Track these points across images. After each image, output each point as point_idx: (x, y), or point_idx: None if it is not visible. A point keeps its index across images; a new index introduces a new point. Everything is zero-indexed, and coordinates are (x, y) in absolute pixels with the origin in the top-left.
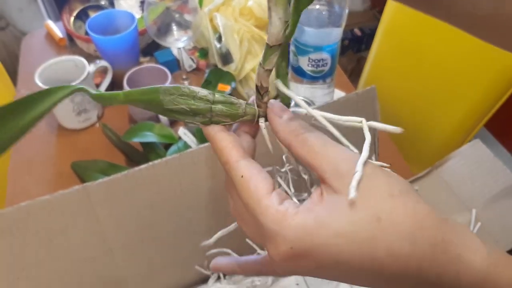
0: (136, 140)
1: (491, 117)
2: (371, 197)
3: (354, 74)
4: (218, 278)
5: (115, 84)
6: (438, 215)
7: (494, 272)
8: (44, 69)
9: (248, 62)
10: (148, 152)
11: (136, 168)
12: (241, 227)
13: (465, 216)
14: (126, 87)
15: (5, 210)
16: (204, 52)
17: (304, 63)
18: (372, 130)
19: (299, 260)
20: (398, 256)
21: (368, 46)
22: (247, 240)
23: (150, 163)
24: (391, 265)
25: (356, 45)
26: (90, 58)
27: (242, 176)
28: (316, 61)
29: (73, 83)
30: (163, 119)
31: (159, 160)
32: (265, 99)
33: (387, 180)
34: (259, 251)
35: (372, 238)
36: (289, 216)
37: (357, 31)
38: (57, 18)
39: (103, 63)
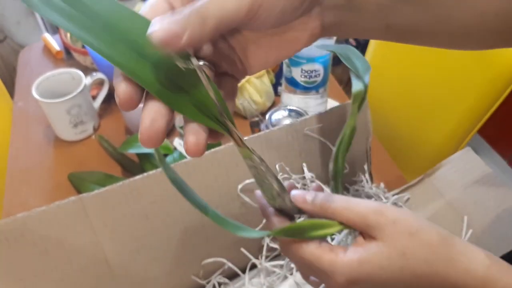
0: (132, 151)
1: (485, 124)
2: (397, 239)
3: (349, 85)
4: (214, 287)
5: (112, 96)
6: (445, 238)
7: (492, 278)
8: (41, 82)
9: None
10: (144, 163)
11: (132, 179)
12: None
13: (457, 223)
14: None
15: (2, 221)
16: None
17: (297, 74)
18: (365, 139)
19: (352, 286)
20: (420, 276)
21: None
22: (242, 249)
23: (146, 173)
24: (415, 284)
25: None
26: (87, 71)
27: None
28: (309, 72)
29: (70, 96)
30: None
31: (154, 171)
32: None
33: (405, 223)
34: (253, 260)
35: (401, 267)
36: (340, 256)
37: (351, 41)
38: (54, 31)
39: (99, 75)
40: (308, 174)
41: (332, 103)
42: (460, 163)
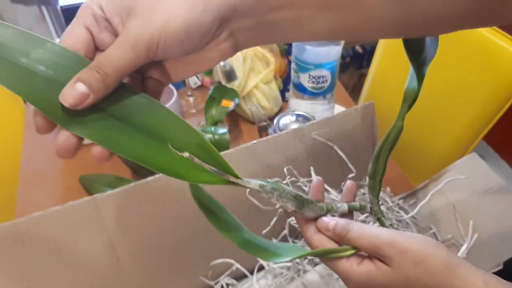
0: None
1: (490, 130)
2: (403, 267)
3: (355, 90)
4: None
5: None
6: (449, 266)
7: None
8: None
9: (251, 79)
10: None
11: (143, 180)
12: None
13: (462, 228)
14: None
15: (17, 220)
16: (208, 70)
17: (304, 79)
18: (371, 144)
19: None
20: None
21: (369, 63)
22: None
23: (156, 175)
24: None
25: (357, 61)
26: None
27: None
28: (317, 77)
29: None
30: None
31: None
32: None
33: (412, 253)
34: (261, 261)
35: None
36: (353, 268)
37: (358, 48)
38: None
39: None
40: (315, 178)
41: (338, 109)
42: (465, 168)
